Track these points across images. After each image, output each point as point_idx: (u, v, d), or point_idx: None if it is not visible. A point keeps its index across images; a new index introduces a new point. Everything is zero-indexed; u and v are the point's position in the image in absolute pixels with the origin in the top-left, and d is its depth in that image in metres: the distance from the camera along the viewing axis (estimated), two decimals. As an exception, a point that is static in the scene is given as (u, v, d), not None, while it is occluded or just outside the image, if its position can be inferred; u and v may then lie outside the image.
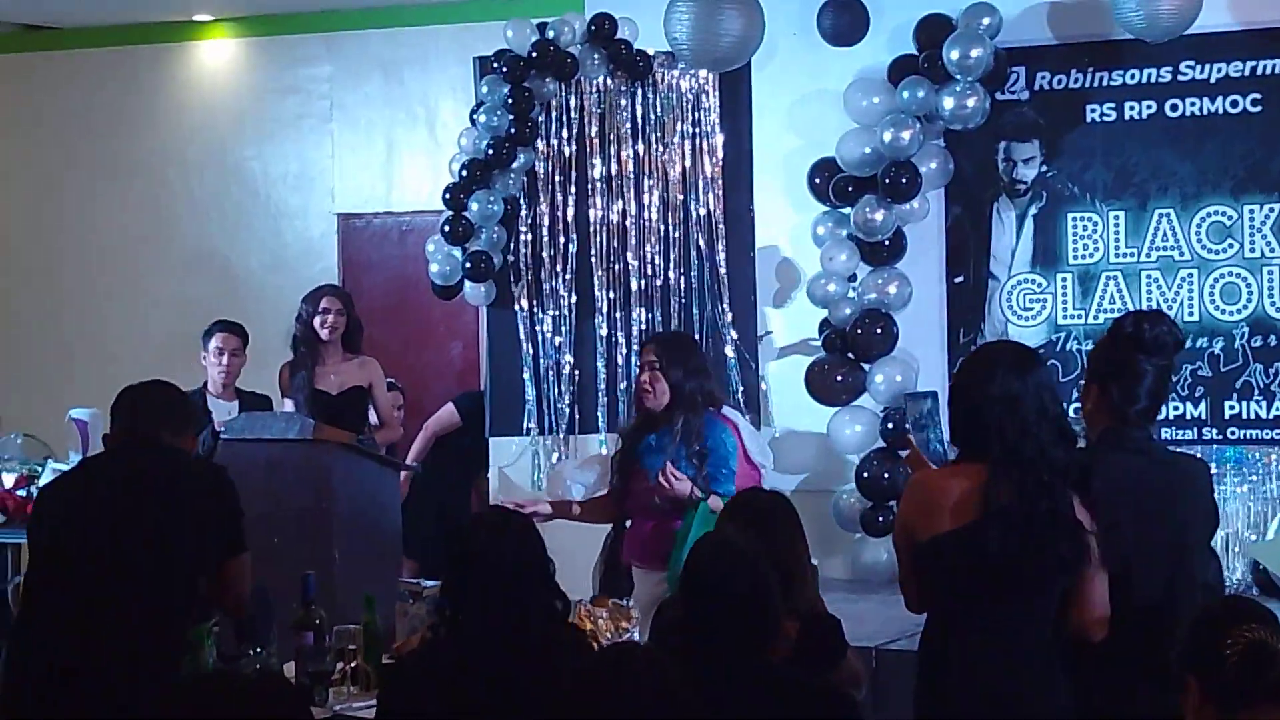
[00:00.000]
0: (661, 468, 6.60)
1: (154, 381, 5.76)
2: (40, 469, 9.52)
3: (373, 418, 9.56)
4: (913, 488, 4.82)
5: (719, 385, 7.72)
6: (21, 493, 9.49)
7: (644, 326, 9.98)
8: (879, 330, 9.78)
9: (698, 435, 6.73)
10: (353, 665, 5.91)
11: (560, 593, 4.75)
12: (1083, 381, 5.02)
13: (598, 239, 10.05)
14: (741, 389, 9.71)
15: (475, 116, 10.04)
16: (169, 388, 5.75)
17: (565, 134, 10.09)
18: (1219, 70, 9.72)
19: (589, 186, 10.08)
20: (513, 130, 9.92)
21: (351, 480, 8.07)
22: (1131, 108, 9.90)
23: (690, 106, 9.98)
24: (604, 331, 10.05)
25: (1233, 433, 9.65)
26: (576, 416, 10.11)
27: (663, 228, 10.00)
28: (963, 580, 4.48)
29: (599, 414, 10.05)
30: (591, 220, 10.06)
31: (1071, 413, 5.94)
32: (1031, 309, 10.08)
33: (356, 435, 8.52)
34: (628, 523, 7.09)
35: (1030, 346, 5.01)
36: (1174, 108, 9.82)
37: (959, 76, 9.58)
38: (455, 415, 10.49)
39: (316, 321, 8.96)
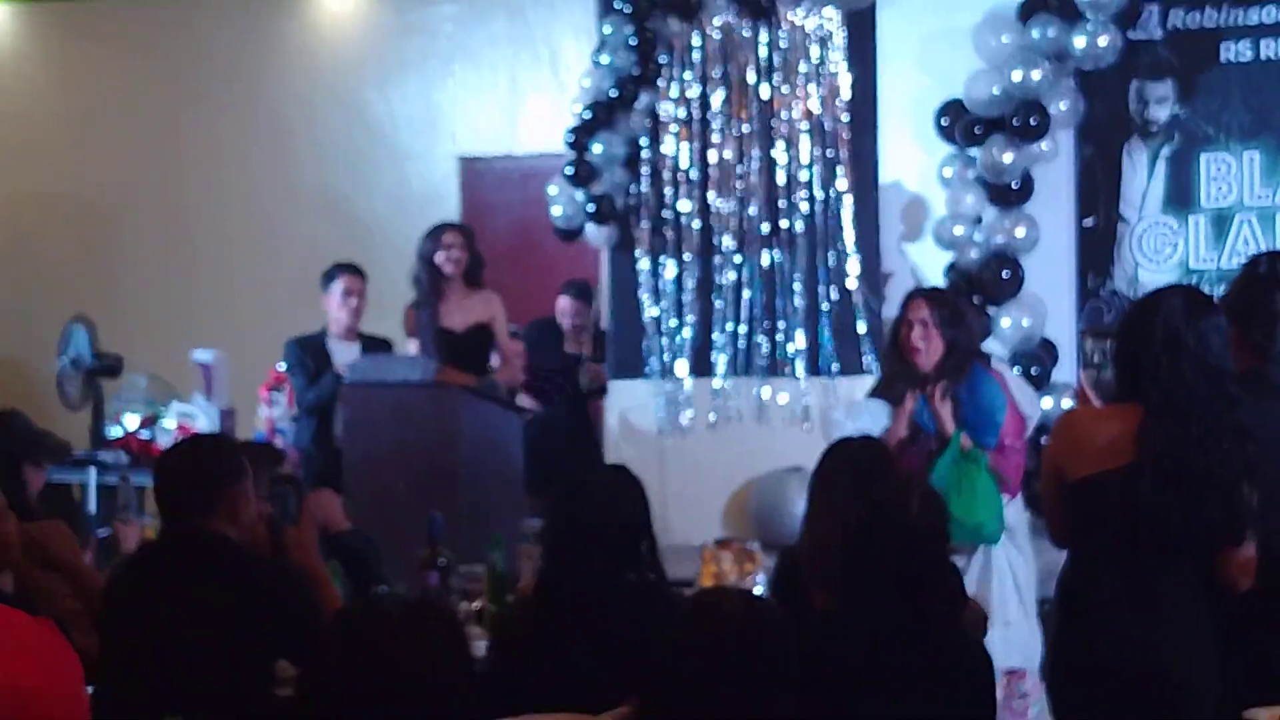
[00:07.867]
0: (930, 394, 6.31)
1: (184, 450, 5.08)
2: (164, 410, 9.57)
3: (493, 358, 9.52)
4: (1063, 424, 4.66)
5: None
6: (145, 434, 9.55)
7: (767, 268, 9.91)
8: (1006, 273, 9.66)
9: (966, 388, 6.41)
10: (477, 606, 5.90)
11: (658, 566, 4.61)
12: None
13: (720, 180, 9.98)
14: (867, 330, 9.69)
15: (598, 57, 9.97)
16: (198, 455, 4.96)
17: (688, 75, 10.01)
18: (1358, 7, 9.53)
19: (712, 127, 10.00)
20: (636, 71, 9.85)
21: (475, 423, 8.08)
22: (1268, 46, 9.69)
23: (815, 46, 9.87)
24: (727, 273, 9.98)
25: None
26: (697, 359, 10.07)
27: (786, 169, 9.91)
28: (1112, 525, 4.30)
29: (721, 357, 9.99)
30: (713, 161, 9.98)
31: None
32: (1163, 252, 9.90)
33: (479, 377, 8.50)
34: None
35: (1206, 294, 4.74)
36: (1312, 46, 9.63)
37: (1091, 14, 9.42)
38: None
39: (439, 257, 8.90)
